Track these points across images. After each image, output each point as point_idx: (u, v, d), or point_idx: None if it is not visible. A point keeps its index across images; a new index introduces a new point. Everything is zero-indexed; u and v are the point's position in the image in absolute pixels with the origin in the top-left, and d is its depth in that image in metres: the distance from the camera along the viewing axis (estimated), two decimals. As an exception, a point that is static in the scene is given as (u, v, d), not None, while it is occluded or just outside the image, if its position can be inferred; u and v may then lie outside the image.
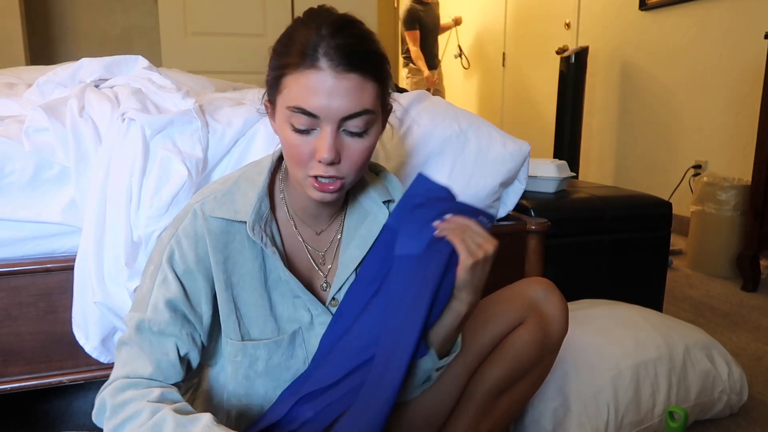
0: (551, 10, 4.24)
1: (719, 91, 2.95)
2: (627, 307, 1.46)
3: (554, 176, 1.81)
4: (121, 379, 0.73)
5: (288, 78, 0.71)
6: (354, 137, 0.73)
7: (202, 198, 0.79)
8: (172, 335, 0.74)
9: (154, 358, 0.73)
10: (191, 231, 0.77)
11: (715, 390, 1.31)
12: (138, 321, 0.74)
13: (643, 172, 3.51)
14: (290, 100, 0.71)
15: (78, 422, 1.38)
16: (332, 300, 0.85)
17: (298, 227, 0.85)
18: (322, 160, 0.71)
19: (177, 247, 0.76)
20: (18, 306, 1.01)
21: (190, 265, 0.76)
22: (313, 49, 0.69)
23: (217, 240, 0.77)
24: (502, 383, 0.95)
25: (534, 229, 1.32)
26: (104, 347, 1.03)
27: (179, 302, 0.75)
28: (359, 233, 0.87)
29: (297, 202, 0.83)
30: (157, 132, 1.05)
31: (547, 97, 4.10)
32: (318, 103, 0.69)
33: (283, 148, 0.76)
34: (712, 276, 2.51)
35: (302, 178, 0.75)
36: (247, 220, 0.77)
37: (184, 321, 0.76)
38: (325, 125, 0.71)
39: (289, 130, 0.72)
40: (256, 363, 0.80)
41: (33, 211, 1.01)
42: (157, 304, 0.75)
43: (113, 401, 0.71)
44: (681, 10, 3.15)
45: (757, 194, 2.24)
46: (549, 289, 0.98)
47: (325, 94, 0.69)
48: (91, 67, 1.23)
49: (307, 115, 0.70)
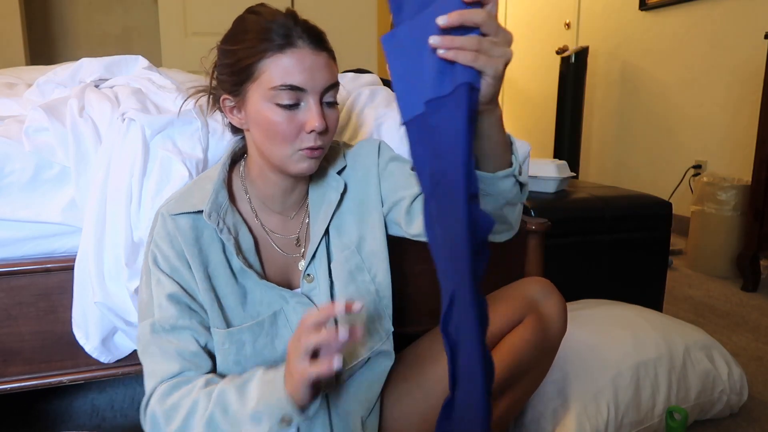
0: (551, 10, 4.24)
1: (719, 91, 2.95)
2: (627, 307, 1.46)
3: (554, 176, 1.81)
4: (160, 387, 0.76)
5: (266, 62, 0.76)
6: (331, 108, 0.80)
7: (166, 202, 0.85)
8: (185, 327, 0.79)
9: (177, 354, 0.78)
10: (163, 233, 0.81)
11: (715, 390, 1.31)
12: (150, 325, 0.78)
13: (643, 172, 3.51)
14: (273, 81, 0.76)
15: (78, 422, 1.38)
16: (307, 276, 0.88)
17: (264, 218, 0.89)
18: (315, 129, 0.77)
19: (157, 251, 0.81)
20: (18, 306, 1.01)
21: (173, 263, 0.80)
22: (289, 32, 0.76)
23: (186, 236, 0.81)
24: (501, 383, 0.95)
25: (534, 229, 1.32)
26: (104, 347, 1.03)
27: (179, 295, 0.79)
28: (323, 208, 0.91)
29: (262, 191, 0.87)
30: (157, 132, 1.05)
31: (547, 97, 4.10)
32: (303, 78, 0.76)
33: (263, 131, 0.79)
34: (712, 276, 2.51)
35: (289, 155, 0.79)
36: (204, 208, 0.81)
37: (190, 311, 0.80)
38: (310, 98, 0.77)
39: (274, 110, 0.77)
40: (244, 348, 0.83)
41: (33, 211, 1.01)
42: (161, 303, 0.79)
43: (163, 408, 0.74)
44: (681, 10, 3.15)
45: (757, 194, 2.24)
46: (548, 289, 0.98)
47: (307, 69, 0.76)
48: (91, 67, 1.23)
49: (294, 90, 0.76)
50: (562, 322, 0.98)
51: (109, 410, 1.43)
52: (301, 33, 0.77)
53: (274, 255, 0.89)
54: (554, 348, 1.00)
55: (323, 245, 0.91)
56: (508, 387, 0.96)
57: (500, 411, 0.97)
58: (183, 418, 0.73)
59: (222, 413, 0.72)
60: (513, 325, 0.96)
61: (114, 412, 1.43)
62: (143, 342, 0.80)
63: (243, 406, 0.72)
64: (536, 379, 1.02)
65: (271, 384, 0.72)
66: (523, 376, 0.97)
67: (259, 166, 0.86)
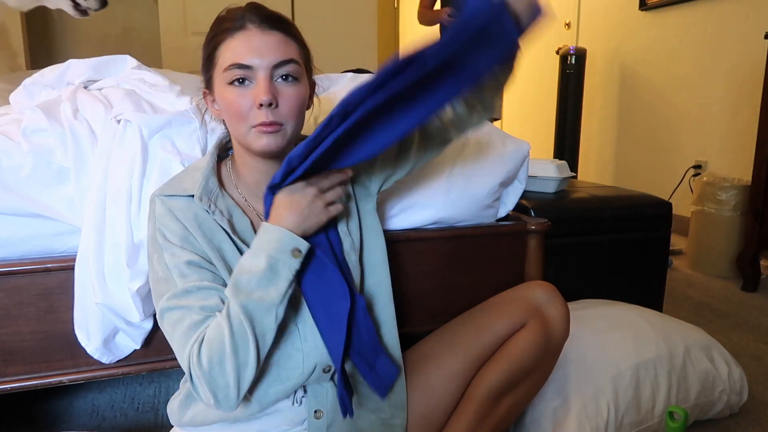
0: (551, 10, 4.23)
1: (719, 91, 2.95)
2: (627, 307, 1.46)
3: (554, 176, 1.81)
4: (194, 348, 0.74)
5: (221, 47, 0.81)
6: (287, 83, 0.81)
7: (158, 189, 0.87)
8: (209, 288, 0.79)
9: (201, 309, 0.77)
10: (164, 210, 0.83)
11: (715, 390, 1.31)
12: (174, 294, 0.78)
13: (643, 172, 3.51)
14: (225, 62, 0.80)
15: (78, 422, 1.38)
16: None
17: (255, 204, 0.90)
18: (262, 102, 0.78)
19: (164, 227, 0.82)
20: (18, 306, 1.01)
21: (181, 233, 0.82)
22: (240, 17, 0.80)
23: (184, 212, 0.83)
24: (503, 385, 0.95)
25: (534, 229, 1.32)
26: (106, 348, 1.03)
27: (198, 261, 0.80)
28: None
29: (247, 177, 0.89)
30: (155, 132, 1.05)
31: (547, 98, 4.10)
32: (250, 56, 0.79)
33: (225, 113, 0.83)
34: (712, 276, 2.51)
35: (246, 132, 0.81)
36: (195, 193, 0.83)
37: (212, 275, 0.81)
38: (259, 74, 0.79)
39: (229, 89, 0.80)
40: None
41: (34, 204, 1.01)
42: (182, 271, 0.79)
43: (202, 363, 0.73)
44: (681, 10, 3.15)
45: (757, 194, 2.24)
46: (552, 293, 0.99)
47: (255, 47, 0.79)
48: (79, 69, 1.21)
49: (241, 69, 0.79)
50: (565, 326, 0.99)
51: (109, 410, 1.43)
52: (252, 16, 0.80)
53: None
54: (557, 351, 1.00)
55: None
56: (510, 389, 0.97)
57: (502, 412, 0.98)
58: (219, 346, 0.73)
59: (241, 293, 0.75)
60: (516, 328, 0.97)
61: (114, 412, 1.43)
62: (168, 318, 0.78)
63: (256, 269, 0.76)
64: (538, 382, 1.02)
65: (268, 233, 0.78)
66: (525, 379, 0.98)
67: (240, 153, 0.88)
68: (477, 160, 1.27)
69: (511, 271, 1.33)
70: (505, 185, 1.34)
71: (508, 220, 1.38)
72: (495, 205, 1.34)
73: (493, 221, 1.35)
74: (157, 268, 0.81)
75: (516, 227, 1.33)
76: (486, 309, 1.02)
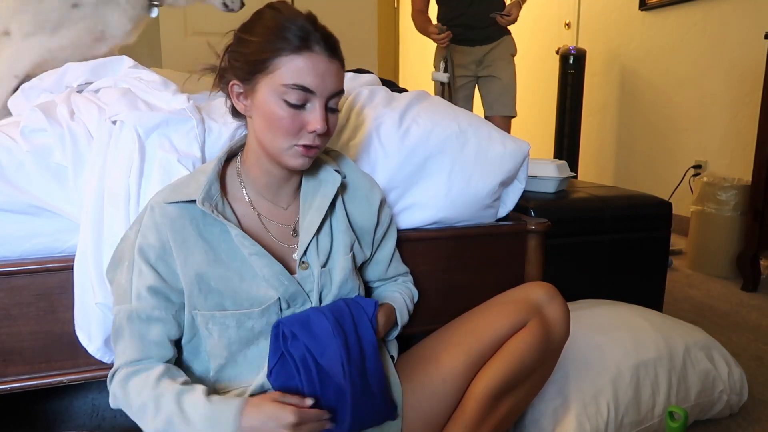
0: (551, 10, 4.24)
1: (719, 91, 2.95)
2: (627, 307, 1.46)
3: (554, 176, 1.81)
4: (123, 369, 0.83)
5: (282, 59, 0.80)
6: (332, 113, 0.85)
7: (160, 192, 0.89)
8: (159, 319, 0.84)
9: (146, 343, 0.83)
10: (151, 224, 0.85)
11: (715, 390, 1.31)
12: (127, 313, 0.84)
13: (643, 172, 3.51)
14: (286, 79, 0.80)
15: (78, 422, 1.38)
16: (302, 263, 0.91)
17: (260, 207, 0.92)
18: (316, 130, 0.82)
19: (143, 240, 0.85)
20: (18, 306, 1.01)
21: (158, 252, 0.84)
22: (307, 35, 0.80)
23: (174, 223, 0.85)
24: (503, 386, 0.95)
25: (534, 229, 1.32)
26: (107, 348, 1.03)
27: (159, 286, 0.84)
28: (316, 199, 0.94)
29: (259, 180, 0.91)
30: (152, 130, 1.05)
31: (547, 98, 4.10)
32: (315, 81, 0.81)
33: (267, 122, 0.83)
34: (712, 276, 2.51)
35: (286, 148, 0.83)
36: (197, 198, 0.84)
37: (167, 302, 0.85)
38: (317, 101, 0.82)
39: (282, 105, 0.81)
40: (227, 331, 0.86)
41: (35, 198, 1.01)
42: (140, 293, 0.83)
43: (123, 392, 0.82)
44: (681, 10, 3.15)
45: (757, 194, 2.24)
46: (552, 294, 0.99)
47: (320, 74, 0.81)
48: (76, 71, 1.21)
49: (304, 91, 0.81)
50: (565, 327, 0.99)
51: (109, 410, 1.43)
52: (319, 39, 0.81)
53: (269, 243, 0.91)
54: (557, 352, 1.01)
55: (322, 238, 0.93)
56: (510, 390, 0.97)
57: (502, 413, 0.97)
58: (136, 410, 0.80)
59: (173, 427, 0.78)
60: (517, 328, 0.96)
61: (114, 412, 1.43)
62: (117, 326, 0.85)
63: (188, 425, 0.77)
64: (538, 382, 1.02)
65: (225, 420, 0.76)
66: (525, 380, 0.97)
67: (256, 153, 0.89)
68: (477, 160, 1.27)
69: (511, 271, 1.33)
70: (505, 185, 1.34)
71: (508, 220, 1.38)
72: (495, 205, 1.34)
73: (493, 221, 1.35)
74: (123, 274, 0.86)
75: (516, 227, 1.33)
76: (486, 309, 1.02)
